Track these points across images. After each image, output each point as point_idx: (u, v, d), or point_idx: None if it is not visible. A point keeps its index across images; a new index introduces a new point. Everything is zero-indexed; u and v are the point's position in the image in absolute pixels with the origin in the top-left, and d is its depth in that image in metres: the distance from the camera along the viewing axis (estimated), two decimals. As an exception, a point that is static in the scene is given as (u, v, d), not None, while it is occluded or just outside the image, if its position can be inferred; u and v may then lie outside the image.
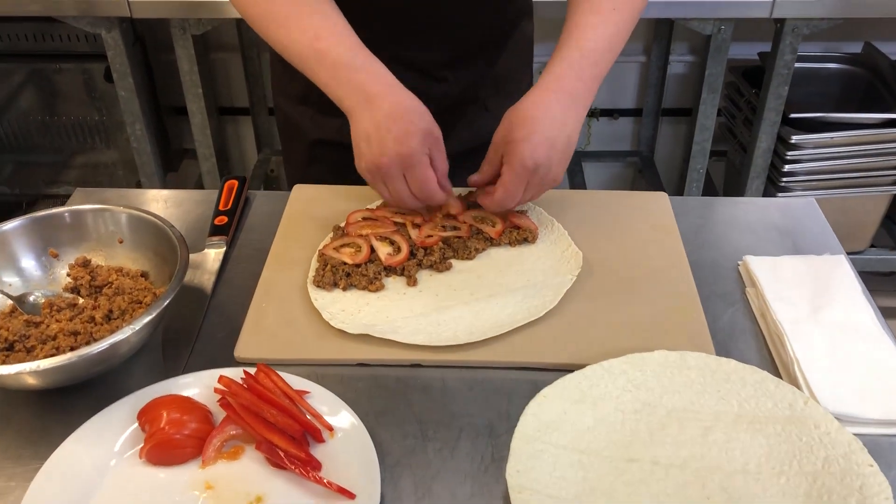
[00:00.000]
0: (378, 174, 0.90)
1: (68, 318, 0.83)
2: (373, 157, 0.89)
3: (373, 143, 0.89)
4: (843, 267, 0.93)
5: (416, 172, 0.89)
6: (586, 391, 0.77)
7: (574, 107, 0.93)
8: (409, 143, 0.88)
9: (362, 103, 0.90)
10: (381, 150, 0.88)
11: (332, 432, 0.73)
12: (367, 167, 0.91)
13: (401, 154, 0.88)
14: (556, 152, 0.91)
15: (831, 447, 0.71)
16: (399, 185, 0.91)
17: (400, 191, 0.91)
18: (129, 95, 2.00)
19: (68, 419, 0.76)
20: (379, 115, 0.88)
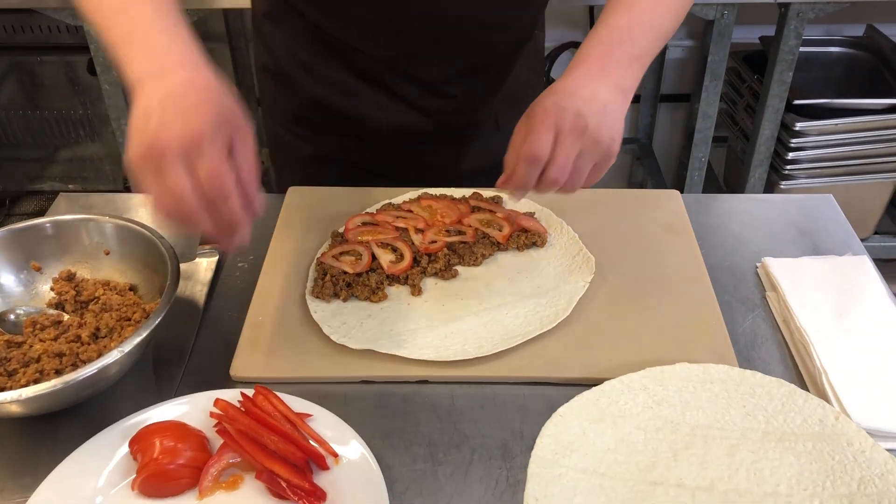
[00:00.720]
0: (151, 159, 0.65)
1: (52, 338, 0.78)
2: (148, 136, 0.65)
3: (151, 120, 0.65)
4: (866, 268, 0.89)
5: (205, 160, 0.65)
6: (605, 409, 0.73)
7: (604, 83, 0.79)
8: (199, 122, 0.65)
9: (151, 75, 0.69)
10: (161, 128, 0.65)
11: (336, 459, 0.69)
12: (139, 150, 0.65)
13: (185, 134, 0.64)
14: (589, 105, 0.76)
15: (867, 467, 0.67)
16: (178, 175, 0.65)
17: (178, 183, 0.65)
18: (113, 89, 1.93)
19: (56, 446, 0.71)
20: (168, 87, 0.67)
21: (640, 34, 0.82)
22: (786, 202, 1.03)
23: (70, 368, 0.75)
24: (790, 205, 1.02)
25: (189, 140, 0.64)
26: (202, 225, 0.67)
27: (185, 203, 0.65)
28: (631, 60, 0.81)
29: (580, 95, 0.77)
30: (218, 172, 0.65)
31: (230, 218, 0.67)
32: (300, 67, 1.05)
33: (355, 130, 1.07)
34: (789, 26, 1.84)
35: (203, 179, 0.65)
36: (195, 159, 0.65)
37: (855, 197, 2.09)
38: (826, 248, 0.95)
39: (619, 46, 0.81)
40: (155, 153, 0.65)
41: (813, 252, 0.94)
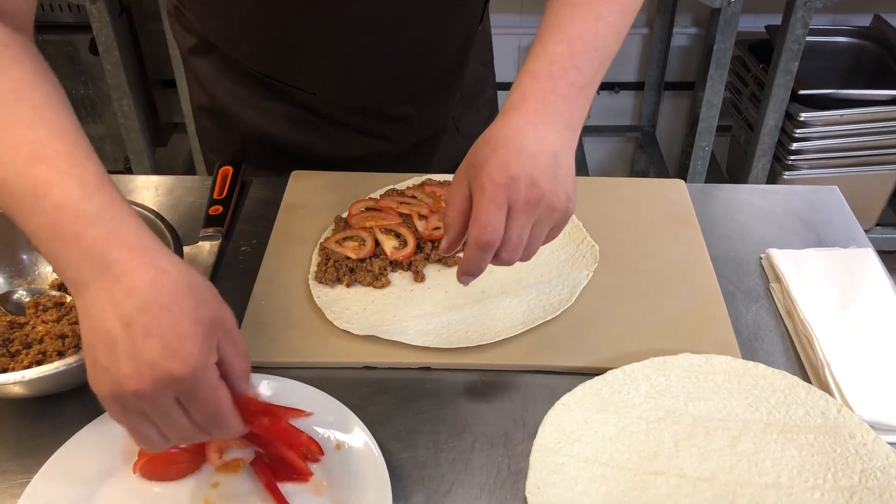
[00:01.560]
0: (135, 405, 0.54)
1: (55, 319, 0.78)
2: (123, 378, 0.53)
3: (120, 353, 0.53)
4: (871, 260, 0.89)
5: (200, 397, 0.55)
6: (608, 398, 0.73)
7: (551, 124, 0.68)
8: (187, 354, 0.53)
9: (98, 278, 0.54)
10: (138, 368, 0.53)
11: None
12: (114, 392, 0.54)
13: (173, 375, 0.53)
14: (539, 166, 0.65)
15: (868, 460, 0.67)
16: (175, 416, 0.56)
17: (179, 425, 0.56)
18: (115, 69, 1.92)
19: (58, 428, 0.71)
20: (128, 302, 0.53)
21: (583, 60, 0.70)
22: (791, 193, 1.03)
23: (73, 350, 0.75)
24: (795, 196, 1.02)
25: (177, 382, 0.54)
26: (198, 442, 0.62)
27: (185, 439, 0.58)
28: (577, 93, 0.70)
29: (527, 150, 0.66)
30: (215, 406, 0.56)
31: (230, 432, 0.59)
32: (237, 102, 0.98)
33: (307, 163, 1.01)
34: (796, 15, 1.83)
35: (201, 418, 0.56)
36: (188, 399, 0.55)
37: (858, 188, 2.08)
38: (830, 239, 0.95)
39: (562, 78, 0.69)
40: (137, 399, 0.54)
41: (817, 244, 0.94)
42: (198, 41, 0.99)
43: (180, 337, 0.54)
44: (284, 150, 1.02)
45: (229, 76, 0.98)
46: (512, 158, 0.65)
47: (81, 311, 0.55)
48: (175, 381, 0.53)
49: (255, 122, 0.99)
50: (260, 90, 0.98)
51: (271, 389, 0.73)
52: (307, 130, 1.00)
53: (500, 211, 0.65)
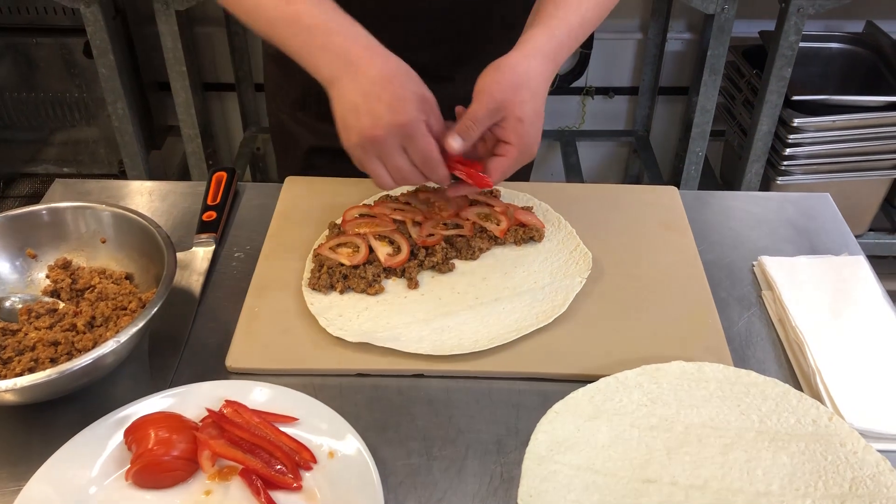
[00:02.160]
0: (372, 149, 0.79)
1: (48, 326, 0.78)
2: (364, 129, 0.78)
3: (362, 113, 0.78)
4: (862, 268, 0.90)
5: (417, 141, 0.79)
6: (600, 406, 0.73)
7: (547, 63, 0.85)
8: (406, 110, 0.78)
9: (344, 70, 0.79)
10: (374, 120, 0.77)
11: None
12: (359, 142, 0.79)
13: (397, 123, 0.77)
14: (530, 106, 0.83)
15: (858, 468, 0.67)
16: (398, 159, 0.80)
17: (401, 166, 0.80)
18: (109, 73, 1.92)
19: (50, 435, 0.71)
20: (365, 81, 0.78)
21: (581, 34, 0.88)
22: (783, 200, 1.03)
23: (65, 357, 0.75)
24: (788, 203, 1.03)
25: (400, 128, 0.78)
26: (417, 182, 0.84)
27: (408, 178, 0.82)
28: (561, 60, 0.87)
29: (528, 86, 0.82)
30: (429, 148, 0.80)
31: (437, 180, 0.83)
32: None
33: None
34: (789, 22, 1.83)
35: (419, 160, 0.80)
36: (408, 143, 0.79)
37: (851, 194, 2.09)
38: (823, 247, 0.95)
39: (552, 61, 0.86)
40: (376, 144, 0.78)
41: (809, 251, 0.94)
42: None
43: (402, 100, 0.78)
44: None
45: None
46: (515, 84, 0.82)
47: (336, 98, 0.80)
48: (399, 127, 0.78)
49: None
50: None
51: (264, 397, 0.73)
52: None
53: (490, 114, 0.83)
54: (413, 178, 0.82)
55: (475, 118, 0.82)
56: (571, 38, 0.87)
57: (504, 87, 0.82)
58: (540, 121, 0.84)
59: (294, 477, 0.67)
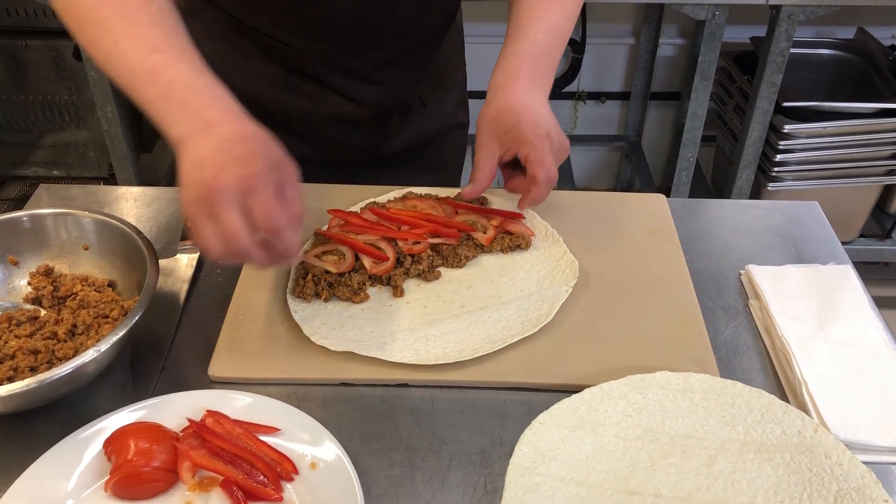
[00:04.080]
0: (207, 203, 0.68)
1: (28, 334, 0.77)
2: (204, 180, 0.68)
3: (207, 166, 0.68)
4: (849, 278, 0.89)
5: (260, 197, 0.68)
6: (585, 416, 0.72)
7: (539, 94, 0.90)
8: (254, 164, 0.69)
9: (199, 130, 0.71)
10: (217, 171, 0.68)
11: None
12: (197, 195, 0.68)
13: (242, 175, 0.68)
14: (550, 121, 0.89)
15: (844, 480, 0.67)
16: (232, 213, 0.67)
17: (232, 220, 0.67)
18: (99, 76, 1.91)
19: (30, 445, 0.70)
20: (219, 139, 0.70)
21: (555, 47, 0.92)
22: (771, 209, 1.03)
23: (45, 366, 0.74)
24: (776, 211, 1.02)
25: (244, 182, 0.68)
26: (255, 259, 0.70)
27: (240, 241, 0.68)
28: (548, 72, 0.92)
29: (539, 112, 0.88)
30: (271, 210, 0.68)
31: (283, 251, 0.71)
32: (224, 63, 1.00)
33: (285, 123, 1.06)
34: (780, 28, 1.84)
35: (258, 219, 0.68)
36: (250, 200, 0.68)
37: (841, 200, 2.09)
38: (810, 256, 0.95)
39: (541, 60, 0.91)
40: (211, 197, 0.67)
41: (797, 260, 0.94)
42: (190, 1, 1.04)
43: (253, 156, 0.70)
44: (260, 109, 1.05)
45: (219, 36, 1.02)
46: (538, 116, 0.87)
47: (184, 156, 0.71)
48: (243, 179, 0.68)
49: (236, 81, 1.03)
50: (247, 50, 1.02)
51: (246, 406, 0.72)
52: (284, 90, 1.04)
53: (551, 156, 0.86)
54: (242, 239, 0.68)
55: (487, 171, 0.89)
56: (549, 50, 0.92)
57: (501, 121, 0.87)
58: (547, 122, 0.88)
59: (275, 488, 0.66)
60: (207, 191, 0.67)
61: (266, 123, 1.05)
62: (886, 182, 2.09)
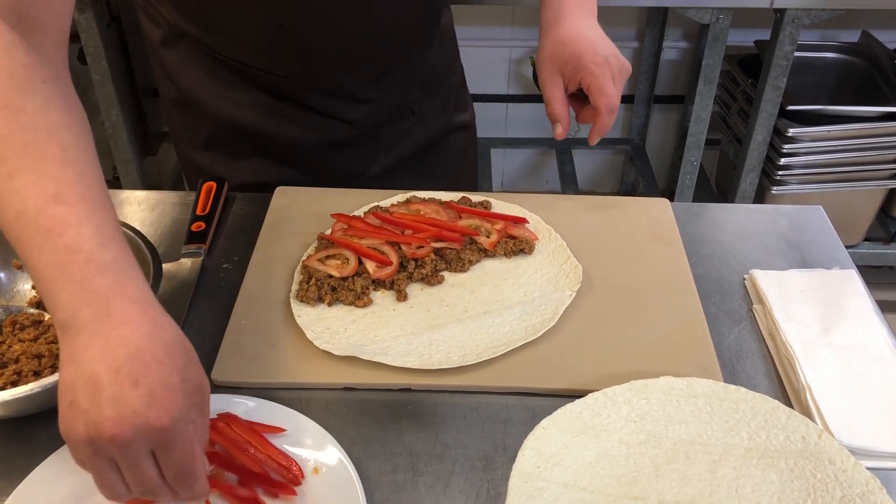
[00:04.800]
0: (105, 449, 0.54)
1: (32, 338, 0.77)
2: (101, 421, 0.53)
3: (104, 398, 0.53)
4: (854, 282, 0.89)
5: (174, 453, 0.56)
6: (588, 422, 0.72)
7: (589, 19, 0.93)
8: (169, 408, 0.54)
9: (94, 322, 0.55)
10: (119, 413, 0.53)
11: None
12: (88, 437, 0.54)
13: (154, 426, 0.54)
14: (608, 45, 0.91)
15: (848, 486, 0.67)
16: (146, 467, 0.55)
17: (148, 477, 0.56)
18: (103, 79, 1.92)
19: (34, 449, 0.70)
20: (121, 351, 0.54)
21: None
22: (775, 213, 1.03)
23: (49, 370, 0.74)
24: (780, 216, 1.02)
25: (157, 433, 0.54)
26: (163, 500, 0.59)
27: (150, 491, 0.57)
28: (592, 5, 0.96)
29: (595, 38, 0.90)
30: (188, 465, 0.57)
31: (193, 494, 0.59)
32: (206, 92, 1.00)
33: (273, 149, 1.05)
34: (784, 32, 1.84)
35: (172, 472, 0.57)
36: (162, 452, 0.56)
37: (846, 203, 2.09)
38: (814, 260, 0.95)
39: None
40: (113, 444, 0.54)
41: (801, 264, 0.94)
42: (167, 31, 1.00)
43: (167, 389, 0.55)
44: (250, 138, 1.04)
45: (198, 66, 0.99)
46: (595, 44, 0.89)
47: (69, 352, 0.56)
48: (155, 431, 0.54)
49: (223, 110, 1.02)
50: (228, 79, 0.99)
51: (249, 411, 0.72)
52: (273, 116, 1.02)
53: (611, 83, 0.88)
54: (161, 492, 0.58)
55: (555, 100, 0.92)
56: None
57: (562, 52, 0.90)
58: (605, 48, 0.90)
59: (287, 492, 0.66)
60: (108, 439, 0.53)
61: (253, 151, 1.03)
62: (891, 186, 2.09)
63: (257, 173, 1.05)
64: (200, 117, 1.03)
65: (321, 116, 1.02)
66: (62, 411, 0.55)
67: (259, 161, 1.05)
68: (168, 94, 1.06)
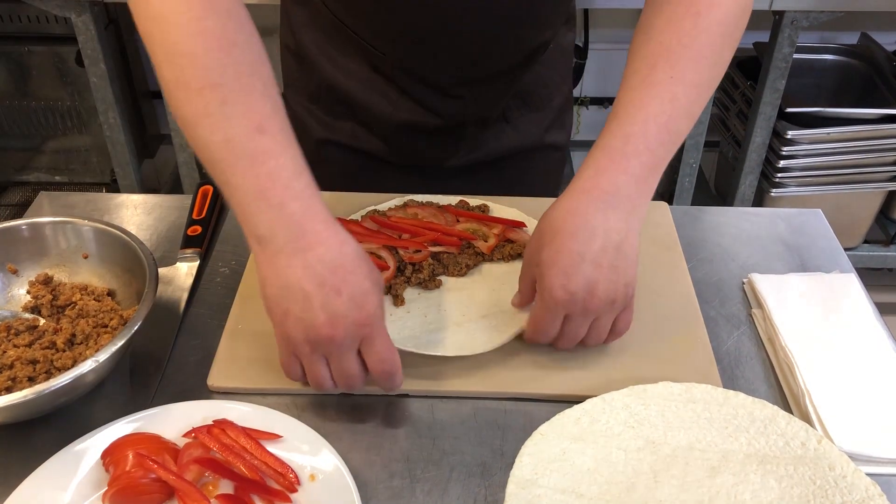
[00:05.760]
0: (320, 347, 0.68)
1: (27, 344, 0.77)
2: (319, 326, 0.66)
3: (316, 307, 0.66)
4: (853, 286, 0.89)
5: (377, 345, 0.69)
6: (586, 427, 0.72)
7: (620, 207, 0.72)
8: (367, 306, 0.68)
9: (291, 241, 0.67)
10: (332, 317, 0.66)
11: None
12: (308, 338, 0.68)
13: (359, 322, 0.67)
14: (603, 271, 0.71)
15: (848, 492, 0.66)
16: (349, 360, 0.70)
17: (352, 367, 0.70)
18: (101, 82, 1.91)
19: (29, 455, 0.70)
20: (319, 267, 0.66)
21: (656, 142, 0.73)
22: (774, 216, 1.02)
23: (44, 376, 0.73)
24: (779, 219, 1.02)
25: (361, 330, 0.68)
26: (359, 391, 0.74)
27: (357, 382, 0.71)
28: (648, 174, 0.73)
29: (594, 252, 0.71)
30: (388, 355, 0.70)
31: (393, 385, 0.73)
32: (320, 52, 1.05)
33: (365, 118, 1.08)
34: (783, 34, 1.83)
35: (374, 362, 0.70)
36: (366, 346, 0.69)
37: (845, 206, 2.09)
38: (813, 264, 0.94)
39: (636, 158, 0.72)
40: (331, 345, 0.68)
41: (800, 268, 0.94)
42: None
43: (364, 293, 0.68)
44: (347, 102, 1.08)
45: (318, 27, 1.04)
46: (573, 270, 0.71)
47: (272, 270, 0.68)
48: (360, 327, 0.68)
49: (330, 71, 1.06)
50: (342, 45, 1.02)
51: (244, 417, 0.72)
52: (367, 88, 1.04)
53: (554, 320, 0.74)
54: (359, 384, 0.72)
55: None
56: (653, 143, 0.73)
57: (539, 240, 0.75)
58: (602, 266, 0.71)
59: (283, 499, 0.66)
60: (327, 340, 0.67)
61: (348, 115, 1.07)
62: (890, 188, 2.09)
63: (348, 136, 1.09)
64: (311, 72, 1.07)
65: (408, 100, 1.04)
66: (278, 320, 0.69)
67: (352, 126, 1.09)
68: (287, 43, 1.11)
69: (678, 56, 0.75)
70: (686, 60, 0.75)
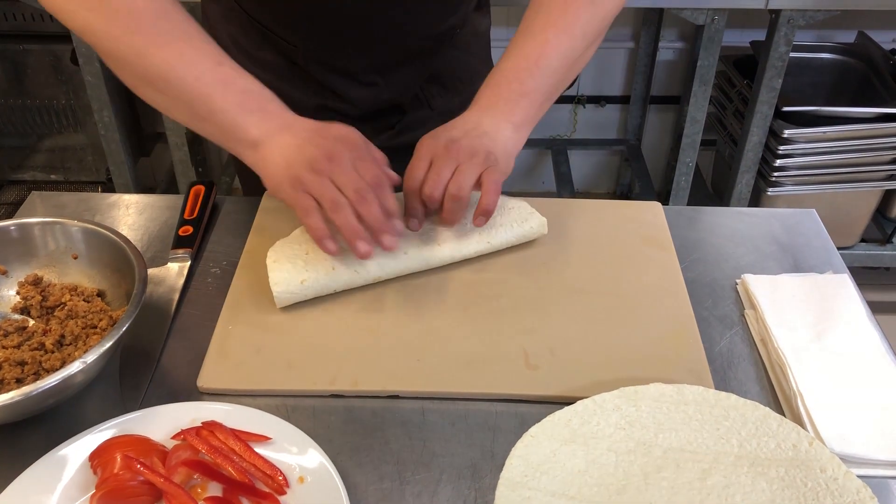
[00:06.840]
0: (321, 169, 0.79)
1: (15, 345, 0.76)
2: (317, 156, 0.79)
3: (307, 148, 0.80)
4: (846, 287, 0.88)
5: (367, 162, 0.81)
6: (577, 429, 0.71)
7: (491, 116, 0.87)
8: (353, 137, 0.83)
9: (280, 129, 0.82)
10: (324, 148, 0.80)
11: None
12: (311, 168, 0.79)
13: (352, 141, 0.82)
14: (468, 131, 0.86)
15: (839, 495, 0.66)
16: (351, 174, 0.80)
17: (355, 181, 0.79)
18: (96, 81, 1.91)
19: (16, 457, 0.69)
20: (304, 133, 0.82)
21: (526, 74, 0.88)
22: (768, 216, 1.02)
23: (32, 378, 0.73)
24: (773, 219, 1.01)
25: (354, 150, 0.81)
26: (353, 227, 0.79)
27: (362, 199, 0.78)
28: (518, 97, 0.88)
29: (458, 126, 0.87)
30: (378, 170, 0.81)
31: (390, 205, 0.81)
32: (235, 46, 1.07)
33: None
34: (780, 32, 1.83)
35: (369, 175, 0.80)
36: (360, 162, 0.80)
37: (842, 205, 2.08)
38: (807, 264, 0.94)
39: (506, 86, 0.88)
40: (330, 161, 0.79)
41: (793, 269, 0.93)
42: None
43: (349, 130, 0.84)
44: None
45: (233, 21, 1.07)
46: (442, 131, 0.87)
47: (268, 151, 0.81)
48: (352, 145, 0.82)
49: (246, 65, 1.08)
50: (255, 38, 1.06)
51: (233, 419, 0.71)
52: (285, 80, 1.07)
53: (420, 162, 0.85)
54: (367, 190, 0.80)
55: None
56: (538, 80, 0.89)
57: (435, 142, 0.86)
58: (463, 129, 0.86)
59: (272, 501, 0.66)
60: (328, 159, 0.79)
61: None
62: (887, 187, 2.08)
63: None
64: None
65: (324, 89, 1.07)
66: (290, 190, 0.80)
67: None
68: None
69: (557, 14, 0.91)
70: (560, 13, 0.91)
